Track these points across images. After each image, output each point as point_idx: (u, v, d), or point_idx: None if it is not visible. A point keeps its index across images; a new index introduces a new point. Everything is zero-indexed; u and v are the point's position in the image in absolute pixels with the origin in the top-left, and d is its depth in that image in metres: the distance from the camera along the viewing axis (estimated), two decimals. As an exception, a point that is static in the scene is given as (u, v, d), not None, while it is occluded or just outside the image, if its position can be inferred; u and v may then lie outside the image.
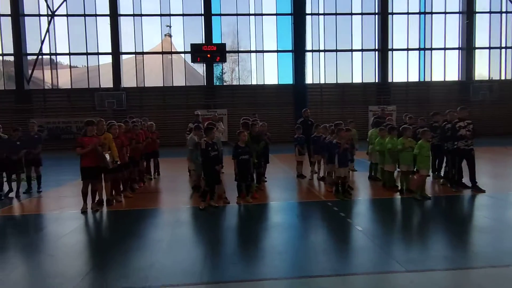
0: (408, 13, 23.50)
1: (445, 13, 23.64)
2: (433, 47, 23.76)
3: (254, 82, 23.53)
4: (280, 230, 5.64)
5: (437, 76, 24.05)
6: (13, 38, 21.56)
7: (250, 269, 4.23)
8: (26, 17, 22.00)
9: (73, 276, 4.10)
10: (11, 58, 22.16)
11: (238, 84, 23.62)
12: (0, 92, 22.00)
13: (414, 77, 24.00)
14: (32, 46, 22.14)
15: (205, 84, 22.97)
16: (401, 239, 5.22)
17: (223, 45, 21.98)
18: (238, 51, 23.63)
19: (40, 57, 22.14)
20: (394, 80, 23.78)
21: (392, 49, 23.56)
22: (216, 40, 22.49)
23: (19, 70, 21.77)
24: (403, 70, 23.93)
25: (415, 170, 7.39)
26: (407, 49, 23.75)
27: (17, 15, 21.47)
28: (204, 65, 22.66)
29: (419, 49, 23.78)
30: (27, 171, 8.84)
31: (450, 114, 7.85)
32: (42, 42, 21.90)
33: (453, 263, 4.25)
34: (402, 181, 7.61)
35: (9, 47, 21.82)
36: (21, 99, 21.62)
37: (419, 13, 23.59)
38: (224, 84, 24.03)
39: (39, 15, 22.04)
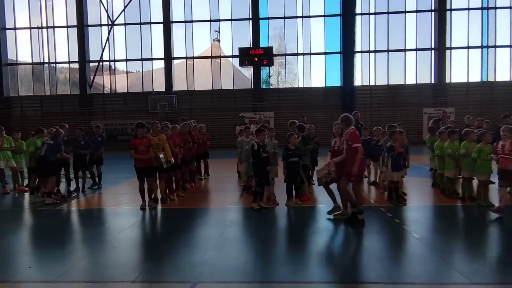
0: (468, 9, 21.93)
1: (511, 7, 21.72)
2: (497, 44, 21.92)
3: (300, 85, 23.38)
4: (332, 233, 5.53)
5: (502, 76, 22.14)
6: (78, 47, 23.58)
7: (302, 271, 4.18)
8: (89, 28, 23.93)
9: (134, 267, 4.37)
10: (76, 66, 24.22)
11: (284, 87, 23.63)
12: (66, 97, 24.16)
13: (475, 77, 22.32)
14: (93, 53, 24.05)
15: (252, 87, 23.27)
16: (463, 249, 4.87)
17: (271, 48, 22.13)
18: (285, 54, 23.63)
19: (100, 63, 23.94)
20: (452, 81, 22.32)
21: (450, 48, 22.11)
22: (263, 43, 22.70)
23: (82, 76, 23.77)
24: (463, 69, 22.32)
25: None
26: (468, 47, 22.14)
27: (82, 26, 23.43)
28: (252, 68, 22.97)
29: (481, 47, 22.06)
30: (90, 169, 9.58)
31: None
32: (103, 49, 23.65)
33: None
34: (464, 188, 7.09)
35: (74, 55, 23.89)
36: (84, 102, 23.54)
37: (482, 8, 21.92)
38: (271, 87, 24.15)
39: (101, 25, 23.86)
